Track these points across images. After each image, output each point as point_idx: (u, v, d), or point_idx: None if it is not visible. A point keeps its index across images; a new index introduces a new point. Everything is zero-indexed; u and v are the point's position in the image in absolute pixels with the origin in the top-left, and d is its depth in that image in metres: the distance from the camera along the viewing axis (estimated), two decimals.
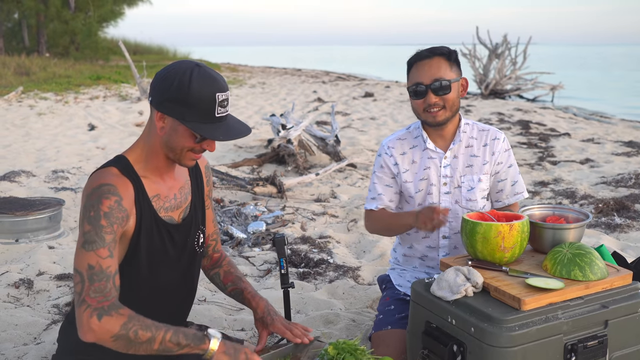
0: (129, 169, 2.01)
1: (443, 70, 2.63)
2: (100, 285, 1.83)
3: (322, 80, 26.30)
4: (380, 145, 2.90)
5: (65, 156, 8.89)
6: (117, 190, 1.91)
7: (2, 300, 3.88)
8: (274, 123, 8.92)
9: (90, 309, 1.80)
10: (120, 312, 1.82)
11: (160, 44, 50.11)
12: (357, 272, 4.32)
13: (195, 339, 1.88)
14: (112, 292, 1.84)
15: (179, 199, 2.15)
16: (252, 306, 2.37)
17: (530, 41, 20.45)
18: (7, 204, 5.27)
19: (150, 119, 2.02)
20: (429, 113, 2.66)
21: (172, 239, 2.12)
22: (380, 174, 2.86)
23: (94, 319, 1.79)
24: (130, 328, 1.81)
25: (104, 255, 1.85)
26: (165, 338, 1.84)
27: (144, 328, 1.83)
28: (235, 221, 5.53)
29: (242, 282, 2.42)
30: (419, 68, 2.66)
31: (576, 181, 7.23)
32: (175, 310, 2.25)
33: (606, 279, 2.17)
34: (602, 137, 10.77)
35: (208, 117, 1.92)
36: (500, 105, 16.41)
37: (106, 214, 1.87)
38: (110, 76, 22.42)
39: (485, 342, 1.96)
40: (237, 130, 1.99)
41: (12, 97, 15.57)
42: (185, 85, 1.88)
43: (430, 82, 2.62)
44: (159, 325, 1.86)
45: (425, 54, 2.67)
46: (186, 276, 2.24)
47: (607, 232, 5.22)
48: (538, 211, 2.61)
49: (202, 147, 2.00)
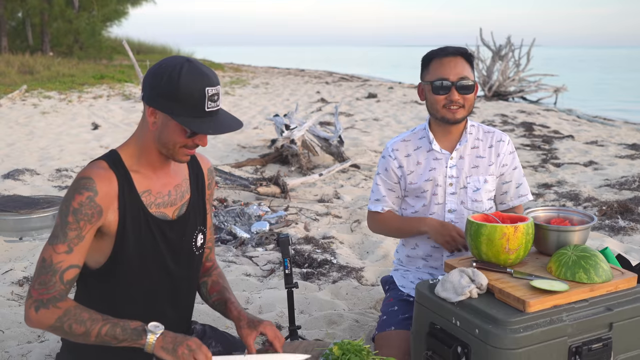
0: (118, 163, 2.02)
1: (467, 70, 2.66)
2: (45, 279, 1.89)
3: (326, 81, 26.30)
4: (385, 146, 2.90)
5: (68, 155, 8.91)
6: (93, 185, 1.92)
7: (6, 298, 3.89)
8: (277, 123, 8.93)
9: (31, 299, 1.88)
10: (59, 305, 1.88)
11: (163, 44, 50.15)
12: (361, 273, 4.32)
13: (133, 333, 1.91)
14: (56, 285, 1.89)
15: (173, 196, 2.13)
16: (234, 316, 2.23)
17: (533, 43, 20.43)
18: (11, 202, 5.28)
19: (143, 114, 2.02)
20: (448, 110, 2.66)
21: (164, 235, 2.10)
22: (384, 176, 2.87)
23: (32, 310, 1.88)
24: (64, 322, 1.88)
25: (59, 251, 1.90)
26: (100, 332, 1.89)
27: (79, 322, 1.89)
28: (239, 221, 5.53)
29: (227, 293, 2.34)
30: (444, 64, 2.66)
31: (580, 183, 7.22)
32: (175, 311, 2.23)
33: (611, 281, 2.16)
34: (606, 139, 10.76)
35: (198, 111, 1.92)
36: (503, 107, 16.40)
37: (75, 210, 1.90)
38: (113, 75, 22.45)
39: (489, 343, 1.96)
40: (228, 124, 1.98)
41: (16, 96, 15.60)
42: (175, 80, 1.89)
43: (456, 79, 2.63)
44: (97, 319, 1.91)
45: (450, 50, 2.68)
46: (186, 278, 2.22)
47: (610, 235, 5.22)
48: (542, 213, 2.61)
49: (195, 142, 2.00)
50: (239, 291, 4.03)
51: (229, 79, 26.25)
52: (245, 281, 4.20)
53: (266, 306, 3.78)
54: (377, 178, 2.89)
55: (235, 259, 4.68)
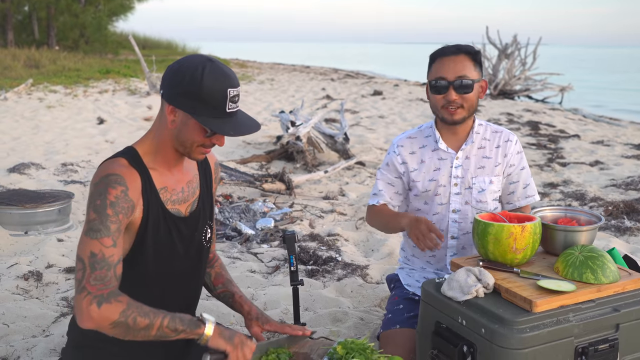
0: (138, 160, 2.02)
1: (467, 69, 2.60)
2: (101, 274, 1.83)
3: (331, 78, 26.27)
4: (392, 142, 2.89)
5: (74, 149, 8.92)
6: (124, 181, 1.92)
7: (11, 292, 3.89)
8: (282, 120, 8.92)
9: (91, 296, 1.81)
10: (119, 299, 1.84)
11: (169, 39, 50.21)
12: (366, 271, 4.32)
13: (191, 324, 1.92)
14: (112, 280, 1.85)
15: (186, 192, 2.15)
16: (243, 309, 2.36)
17: (540, 42, 20.37)
18: (16, 196, 5.29)
19: (160, 111, 2.02)
20: (447, 110, 2.63)
21: (180, 231, 2.12)
22: (385, 171, 2.86)
23: (93, 307, 1.80)
24: (128, 315, 1.83)
25: (107, 244, 1.85)
26: (162, 324, 1.87)
27: (142, 315, 1.85)
28: (244, 217, 5.53)
29: (232, 286, 2.42)
30: (444, 63, 2.62)
31: (586, 183, 7.20)
32: (183, 303, 2.25)
33: (618, 282, 2.16)
34: (612, 139, 10.72)
35: (219, 112, 1.92)
36: (509, 105, 16.36)
37: (112, 203, 1.88)
38: (119, 70, 22.47)
39: (495, 343, 1.95)
40: (247, 126, 1.99)
41: (21, 90, 15.63)
42: (198, 80, 1.89)
43: (453, 78, 2.59)
44: (157, 312, 1.89)
45: (451, 49, 2.63)
46: (194, 270, 2.24)
47: (617, 235, 5.20)
48: (550, 213, 2.60)
49: (212, 142, 2.01)
50: (244, 287, 4.03)
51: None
52: (250, 278, 4.20)
53: (271, 303, 3.78)
54: (379, 173, 2.89)
55: (240, 256, 4.68)
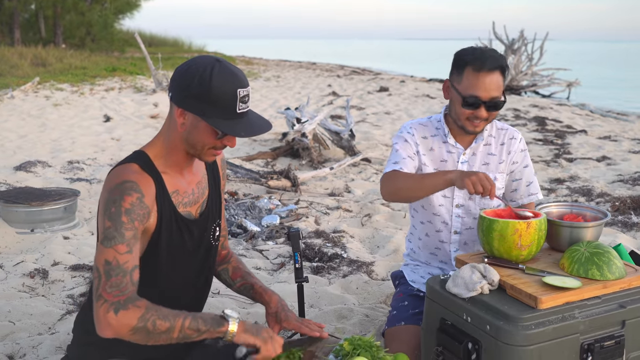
0: (150, 165, 2.00)
1: (499, 87, 2.57)
2: (117, 280, 1.81)
3: (337, 74, 26.25)
4: (401, 127, 2.84)
5: (80, 147, 8.94)
6: (139, 187, 1.90)
7: (17, 289, 3.91)
8: (288, 116, 8.92)
9: (107, 303, 1.79)
10: (137, 304, 1.81)
11: (175, 36, 50.33)
12: (371, 267, 4.31)
13: (214, 322, 1.89)
14: (128, 286, 1.83)
15: (196, 194, 2.14)
16: (264, 300, 2.33)
17: (547, 37, 20.28)
18: (22, 194, 5.30)
19: (170, 114, 2.01)
20: (471, 123, 2.62)
21: (191, 234, 2.12)
22: (403, 145, 2.74)
23: (111, 314, 1.78)
24: (148, 319, 1.80)
25: (122, 251, 1.84)
26: (184, 325, 1.84)
27: (162, 318, 1.82)
28: (249, 214, 5.53)
29: (251, 277, 2.41)
30: (480, 80, 2.54)
31: (592, 179, 7.17)
32: (192, 302, 2.25)
33: (624, 278, 2.14)
34: (619, 134, 10.67)
35: (229, 113, 1.90)
36: (516, 101, 16.31)
37: (127, 211, 1.86)
38: (125, 68, 22.51)
39: (500, 340, 1.94)
40: (259, 126, 1.97)
41: (28, 88, 15.67)
42: (206, 81, 1.86)
43: (487, 99, 2.55)
44: (177, 313, 1.86)
45: (489, 65, 2.53)
46: (203, 269, 2.24)
47: (623, 231, 5.17)
48: (555, 209, 2.59)
49: (223, 143, 1.99)
50: None
51: None
52: (256, 274, 4.19)
53: None
54: (396, 146, 2.76)
55: (246, 253, 4.68)
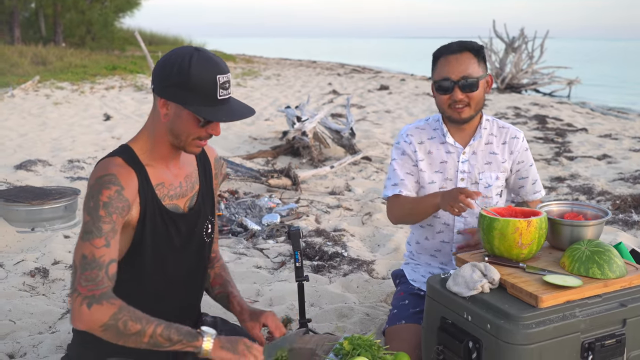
0: (134, 158, 2.01)
1: (472, 67, 2.58)
2: (92, 274, 1.82)
3: (337, 73, 26.24)
4: (398, 133, 2.86)
5: (80, 146, 8.94)
6: (118, 180, 1.91)
7: (17, 288, 3.90)
8: (289, 115, 8.92)
9: (81, 297, 1.80)
10: (112, 301, 1.82)
11: (175, 35, 50.24)
12: (372, 266, 4.31)
13: (188, 335, 1.88)
14: (104, 281, 1.83)
15: (184, 187, 2.13)
16: (235, 309, 2.27)
17: (547, 35, 20.27)
18: (23, 192, 5.30)
19: (153, 106, 2.01)
20: (454, 109, 2.62)
21: (178, 227, 2.10)
22: (401, 161, 2.79)
23: (84, 307, 1.79)
24: (120, 318, 1.81)
25: (98, 245, 1.85)
26: (155, 332, 1.84)
27: (135, 319, 1.83)
28: (250, 213, 5.53)
29: (230, 287, 2.35)
30: (448, 62, 2.60)
31: (593, 177, 7.16)
32: (186, 300, 2.24)
33: (625, 277, 2.14)
34: (620, 132, 10.67)
35: (210, 99, 1.91)
36: (516, 99, 16.30)
37: (105, 204, 1.87)
38: (126, 66, 22.52)
39: (501, 339, 1.94)
40: (240, 111, 1.97)
41: (28, 87, 15.68)
42: (186, 69, 1.87)
43: (458, 78, 2.57)
44: (151, 319, 1.85)
45: (455, 47, 2.60)
46: (197, 266, 2.23)
47: (624, 229, 5.17)
48: (556, 207, 2.58)
49: (208, 132, 1.99)
50: (250, 283, 4.03)
51: (240, 70, 26.25)
52: (256, 273, 4.20)
53: (277, 299, 3.78)
54: (394, 163, 2.81)
55: (246, 251, 4.68)
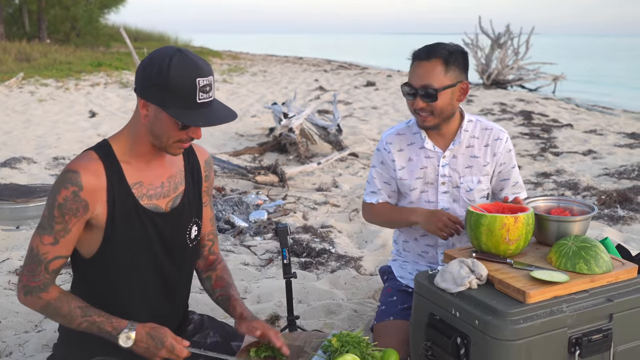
0: (110, 154, 1.99)
1: (435, 76, 2.51)
2: (32, 267, 1.96)
3: (324, 69, 26.21)
4: (381, 137, 2.86)
5: (66, 143, 8.88)
6: (78, 179, 1.90)
7: (3, 287, 3.87)
8: (275, 112, 8.90)
9: (21, 284, 2.00)
10: (41, 295, 1.97)
11: (161, 31, 50.00)
12: (359, 262, 4.31)
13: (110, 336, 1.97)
14: (41, 275, 1.96)
15: (166, 188, 2.10)
16: (236, 313, 2.22)
17: (532, 31, 20.35)
18: (7, 190, 5.26)
19: (136, 106, 1.99)
20: (418, 115, 2.62)
21: (156, 227, 2.07)
22: (380, 169, 2.83)
23: (21, 294, 2.00)
24: (46, 312, 2.01)
25: (45, 242, 1.94)
26: (80, 327, 1.98)
27: (59, 315, 2.00)
28: (237, 210, 5.51)
29: (231, 290, 2.31)
30: (414, 68, 2.58)
31: (579, 173, 7.21)
32: (170, 301, 2.21)
33: (611, 272, 2.15)
34: (605, 128, 10.74)
35: (189, 103, 1.87)
36: (502, 95, 16.36)
37: (60, 205, 1.91)
38: (111, 63, 22.36)
39: (489, 334, 1.95)
40: (220, 116, 1.93)
41: (12, 84, 15.54)
42: (165, 71, 1.84)
43: (418, 86, 2.54)
44: (75, 315, 1.97)
45: (424, 54, 2.55)
46: (180, 268, 2.20)
47: (610, 224, 5.21)
48: (543, 203, 2.59)
49: (188, 135, 1.96)
50: (237, 280, 4.02)
51: (226, 66, 26.16)
52: (244, 270, 4.19)
53: (264, 296, 3.77)
54: (373, 171, 2.85)
55: (233, 248, 4.67)
